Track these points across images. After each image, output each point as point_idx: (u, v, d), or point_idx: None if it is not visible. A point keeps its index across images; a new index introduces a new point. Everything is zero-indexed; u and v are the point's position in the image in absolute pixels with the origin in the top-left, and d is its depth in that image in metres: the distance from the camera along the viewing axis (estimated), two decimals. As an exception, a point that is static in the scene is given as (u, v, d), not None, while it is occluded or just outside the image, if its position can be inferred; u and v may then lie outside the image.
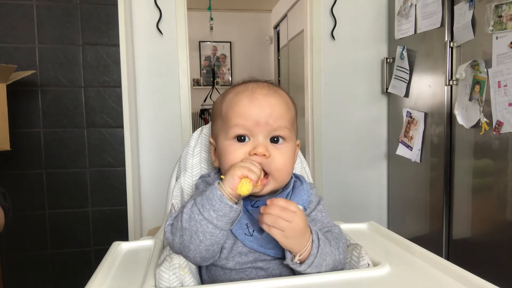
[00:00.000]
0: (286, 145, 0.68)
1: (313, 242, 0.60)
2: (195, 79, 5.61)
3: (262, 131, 0.65)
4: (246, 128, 0.65)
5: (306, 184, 0.74)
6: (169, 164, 1.18)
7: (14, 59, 1.87)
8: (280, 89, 0.71)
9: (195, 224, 0.59)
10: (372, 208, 2.50)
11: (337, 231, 0.67)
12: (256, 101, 0.66)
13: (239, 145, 0.66)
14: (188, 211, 0.60)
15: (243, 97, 0.67)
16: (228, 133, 0.67)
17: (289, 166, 0.69)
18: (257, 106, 0.66)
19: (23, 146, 1.91)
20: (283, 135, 0.67)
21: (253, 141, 0.66)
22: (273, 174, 0.66)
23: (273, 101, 0.67)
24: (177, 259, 0.60)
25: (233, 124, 0.66)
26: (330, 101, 2.42)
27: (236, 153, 0.66)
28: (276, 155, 0.66)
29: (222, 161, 0.69)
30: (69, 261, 1.99)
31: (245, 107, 0.66)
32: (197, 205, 0.60)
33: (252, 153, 0.65)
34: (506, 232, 1.53)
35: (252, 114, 0.65)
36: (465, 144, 1.75)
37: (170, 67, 2.24)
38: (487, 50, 1.58)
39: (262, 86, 0.69)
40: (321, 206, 0.72)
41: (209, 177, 0.74)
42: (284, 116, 0.68)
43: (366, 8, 2.40)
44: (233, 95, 0.69)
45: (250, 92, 0.67)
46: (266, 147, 0.65)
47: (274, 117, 0.66)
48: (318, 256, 0.59)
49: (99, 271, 0.66)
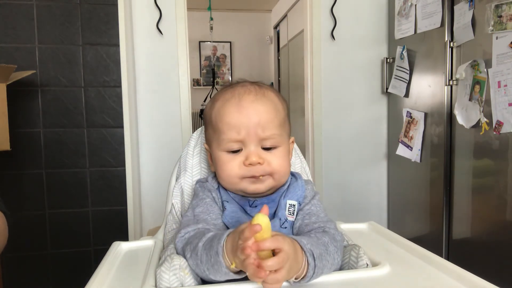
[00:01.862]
0: (279, 149, 0.69)
1: (308, 265, 0.56)
2: (195, 79, 5.61)
3: (253, 141, 0.67)
4: (237, 140, 0.67)
5: (301, 180, 0.75)
6: (169, 164, 1.18)
7: (14, 59, 1.87)
8: (268, 90, 0.71)
9: (204, 276, 0.60)
10: (372, 208, 2.50)
11: (333, 227, 0.67)
12: (244, 110, 0.66)
13: (233, 156, 0.68)
14: (195, 259, 0.59)
15: (230, 107, 0.67)
16: (220, 145, 0.68)
17: (286, 166, 0.70)
18: (245, 116, 0.66)
19: (23, 146, 1.91)
20: (273, 144, 0.68)
21: (246, 151, 0.67)
22: (273, 175, 0.68)
23: (260, 108, 0.67)
24: (177, 260, 0.60)
25: (224, 137, 0.67)
26: (330, 101, 2.43)
27: (231, 164, 0.68)
28: (270, 159, 0.68)
29: (218, 171, 0.71)
30: (69, 261, 1.99)
31: (233, 117, 0.67)
32: (203, 266, 0.58)
33: (246, 164, 0.66)
34: (506, 232, 1.53)
35: (241, 126, 0.66)
36: (465, 144, 1.75)
37: (170, 67, 2.24)
38: (487, 50, 1.58)
39: (249, 91, 0.69)
40: (316, 201, 0.73)
41: (207, 182, 0.75)
42: (273, 121, 0.68)
43: (366, 8, 2.41)
44: (221, 103, 0.69)
45: (237, 100, 0.67)
46: (258, 155, 0.67)
47: (262, 126, 0.66)
48: (315, 275, 0.58)
49: (99, 271, 0.66)
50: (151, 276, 0.62)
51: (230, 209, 0.70)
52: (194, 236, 0.63)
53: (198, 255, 0.59)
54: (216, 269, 0.56)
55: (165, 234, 0.84)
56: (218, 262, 0.55)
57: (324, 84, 2.41)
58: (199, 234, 0.63)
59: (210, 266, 0.57)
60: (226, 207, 0.70)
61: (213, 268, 0.56)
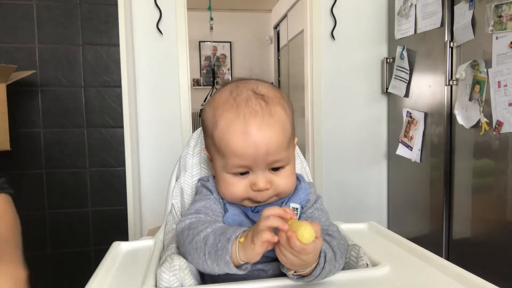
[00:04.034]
0: (286, 168, 0.67)
1: (318, 265, 0.57)
2: (195, 79, 5.61)
3: (261, 167, 0.64)
4: (244, 166, 0.64)
5: (305, 183, 0.74)
6: (169, 164, 1.17)
7: (14, 59, 1.87)
8: (275, 106, 0.65)
9: (199, 262, 0.60)
10: (372, 208, 2.50)
11: (335, 230, 0.67)
12: (250, 138, 0.62)
13: (239, 179, 0.66)
14: (196, 243, 0.60)
15: (235, 133, 0.62)
16: (225, 168, 0.66)
17: (292, 183, 0.69)
18: (252, 145, 0.62)
19: (23, 146, 1.91)
20: (281, 165, 0.66)
21: (253, 175, 0.65)
22: (279, 195, 0.67)
23: (268, 134, 0.62)
24: (177, 260, 0.60)
25: (229, 162, 0.65)
26: (330, 101, 2.43)
27: (237, 187, 0.66)
28: (278, 182, 0.66)
29: (221, 189, 0.69)
30: (69, 261, 1.99)
31: (240, 147, 0.62)
32: (205, 248, 0.58)
33: (254, 189, 0.65)
34: (506, 232, 1.53)
35: (249, 155, 0.63)
36: (465, 144, 1.75)
37: (170, 67, 2.24)
38: (487, 50, 1.58)
39: (255, 113, 0.63)
40: (318, 205, 0.72)
41: (208, 182, 0.74)
42: (281, 145, 0.64)
43: (366, 8, 2.40)
44: (224, 124, 0.64)
45: (243, 125, 0.62)
46: (265, 180, 0.65)
47: (271, 153, 0.63)
48: (320, 277, 0.58)
49: (99, 271, 0.66)
50: (151, 276, 0.62)
51: (232, 212, 0.69)
52: (198, 222, 0.63)
53: (202, 237, 0.59)
54: (220, 255, 0.56)
55: (165, 234, 0.84)
56: (226, 249, 0.55)
57: (324, 84, 2.41)
58: (203, 221, 0.63)
59: (214, 250, 0.57)
60: (228, 209, 0.70)
61: (216, 254, 0.56)
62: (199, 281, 0.64)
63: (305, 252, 0.52)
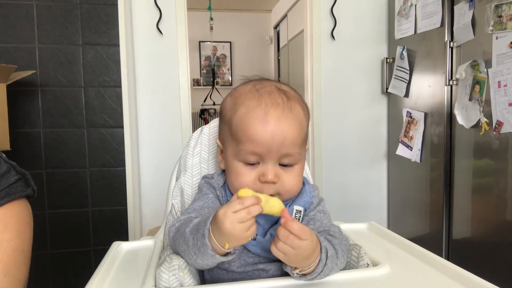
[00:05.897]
0: (296, 167, 0.67)
1: (320, 261, 0.58)
2: (195, 79, 5.61)
3: (272, 158, 0.64)
4: (257, 154, 0.64)
5: (309, 185, 0.73)
6: (169, 164, 1.17)
7: (14, 59, 1.87)
8: (295, 103, 0.67)
9: (193, 263, 0.60)
10: (372, 208, 2.50)
11: (337, 230, 0.67)
12: (269, 126, 0.62)
13: (249, 169, 0.66)
14: (183, 245, 0.60)
15: (255, 120, 0.63)
16: (237, 155, 0.66)
17: (298, 185, 0.69)
18: (269, 133, 0.62)
19: (23, 146, 1.91)
20: (291, 162, 0.66)
21: (263, 166, 0.65)
22: (282, 195, 0.66)
23: (286, 126, 0.63)
24: (176, 260, 0.60)
25: (242, 148, 0.65)
26: (330, 101, 2.43)
27: (246, 177, 0.66)
28: (285, 178, 0.66)
29: (231, 178, 0.68)
30: (69, 261, 1.99)
31: (257, 133, 0.63)
32: (190, 250, 0.59)
33: (262, 180, 0.64)
34: (506, 232, 1.53)
35: (263, 142, 0.63)
36: (465, 144, 1.75)
37: (170, 67, 2.24)
38: (487, 50, 1.58)
39: (277, 104, 0.64)
40: (321, 207, 0.72)
41: (212, 179, 0.74)
42: (297, 141, 0.65)
43: (366, 8, 2.41)
44: (244, 111, 0.65)
45: (263, 114, 0.63)
46: (275, 173, 0.65)
47: (286, 145, 0.64)
48: (322, 274, 0.59)
49: (99, 271, 0.66)
50: (151, 276, 0.62)
51: None
52: (184, 223, 0.63)
53: (185, 240, 0.59)
54: (203, 252, 0.56)
55: (165, 234, 0.84)
56: (204, 244, 0.56)
57: (324, 84, 2.41)
58: (188, 221, 0.63)
59: (197, 249, 0.57)
60: None
61: (200, 252, 0.57)
62: (198, 281, 0.64)
63: (294, 232, 0.54)
